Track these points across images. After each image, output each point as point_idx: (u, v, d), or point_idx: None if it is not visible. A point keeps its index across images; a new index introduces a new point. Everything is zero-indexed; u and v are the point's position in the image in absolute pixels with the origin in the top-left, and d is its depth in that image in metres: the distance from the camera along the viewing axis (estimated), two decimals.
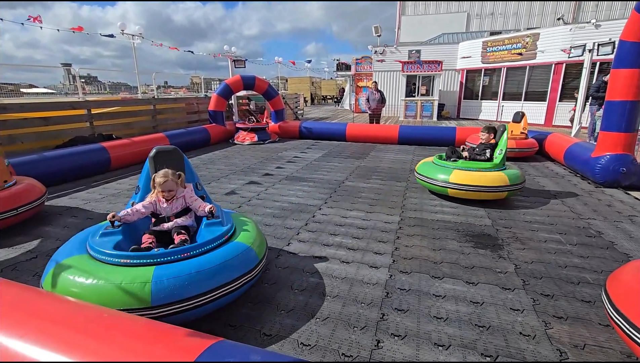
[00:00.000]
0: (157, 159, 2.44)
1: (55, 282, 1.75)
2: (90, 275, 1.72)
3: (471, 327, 1.94)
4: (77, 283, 1.70)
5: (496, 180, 3.79)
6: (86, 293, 1.66)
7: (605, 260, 2.72)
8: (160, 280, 1.69)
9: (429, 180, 4.13)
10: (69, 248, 2.00)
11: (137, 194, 2.44)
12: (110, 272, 1.73)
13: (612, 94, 4.59)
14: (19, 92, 29.20)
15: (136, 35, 10.03)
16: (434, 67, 14.73)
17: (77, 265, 1.79)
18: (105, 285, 1.66)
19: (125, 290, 1.63)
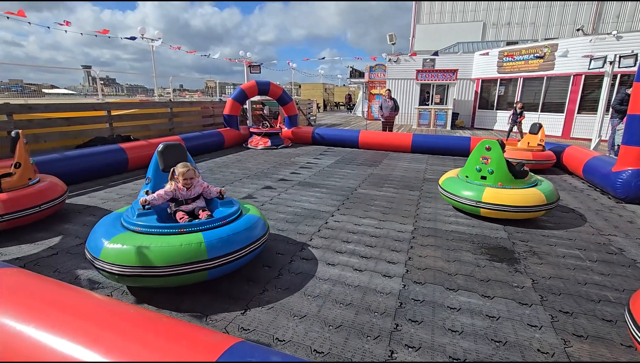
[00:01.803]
0: (165, 153, 2.79)
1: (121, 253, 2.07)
2: (155, 243, 2.11)
3: (487, 341, 1.91)
4: (147, 249, 2.08)
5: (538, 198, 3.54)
6: (156, 256, 2.06)
7: (627, 278, 2.63)
8: (210, 240, 2.20)
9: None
10: (103, 233, 2.25)
11: (148, 184, 2.74)
12: (169, 239, 2.15)
13: (634, 107, 4.48)
14: (41, 93, 30.26)
15: (155, 39, 10.33)
16: (449, 76, 14.65)
17: (132, 240, 2.13)
18: (170, 248, 2.09)
19: (186, 249, 2.11)
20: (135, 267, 2.04)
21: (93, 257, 2.14)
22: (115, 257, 2.06)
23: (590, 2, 21.24)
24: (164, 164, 2.78)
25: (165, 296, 2.28)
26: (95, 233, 2.29)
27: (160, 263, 2.05)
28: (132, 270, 2.04)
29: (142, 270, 2.05)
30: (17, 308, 1.32)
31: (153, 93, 12.49)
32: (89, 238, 2.29)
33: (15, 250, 2.92)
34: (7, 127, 5.02)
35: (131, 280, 2.14)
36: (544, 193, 3.58)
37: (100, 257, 2.10)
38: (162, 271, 2.06)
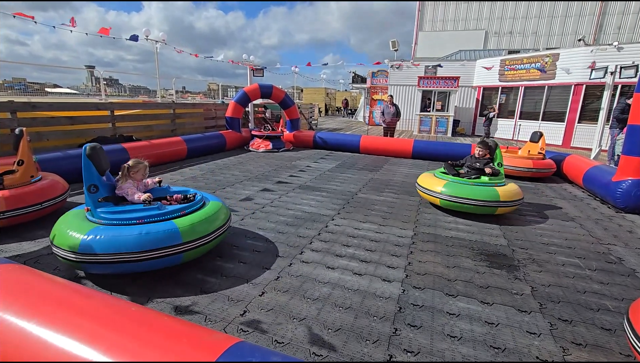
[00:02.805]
0: (94, 155, 2.59)
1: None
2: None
3: (486, 348, 1.91)
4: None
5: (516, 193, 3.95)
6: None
7: (627, 287, 2.64)
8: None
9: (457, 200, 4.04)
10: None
11: (97, 192, 2.56)
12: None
13: (635, 118, 4.51)
14: (44, 91, 30.37)
15: (159, 40, 10.39)
16: (450, 83, 14.73)
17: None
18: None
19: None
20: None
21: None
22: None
23: (592, 14, 21.41)
24: (99, 167, 2.61)
25: (165, 296, 2.28)
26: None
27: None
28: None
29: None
30: (17, 305, 1.33)
31: (156, 94, 12.55)
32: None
33: (16, 247, 2.93)
34: (11, 124, 5.05)
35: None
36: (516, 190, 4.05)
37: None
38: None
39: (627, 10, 20.86)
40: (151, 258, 2.31)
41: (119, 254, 2.24)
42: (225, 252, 2.95)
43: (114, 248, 2.24)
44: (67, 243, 2.30)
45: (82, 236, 2.29)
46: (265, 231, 3.45)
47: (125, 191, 2.69)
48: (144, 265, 2.34)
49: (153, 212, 2.51)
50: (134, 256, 2.26)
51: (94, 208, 2.51)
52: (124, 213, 2.46)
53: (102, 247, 2.24)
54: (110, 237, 2.27)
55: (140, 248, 2.27)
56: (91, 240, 2.26)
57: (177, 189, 3.06)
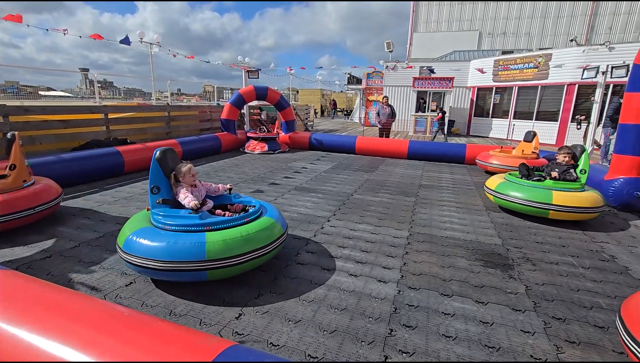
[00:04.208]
0: (163, 159, 2.65)
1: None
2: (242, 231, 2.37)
3: (481, 347, 1.92)
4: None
5: (594, 200, 3.83)
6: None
7: (619, 285, 2.66)
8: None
9: (526, 202, 3.96)
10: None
11: (158, 194, 2.60)
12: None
13: (626, 117, 4.57)
14: (37, 95, 30.12)
15: (154, 43, 10.36)
16: (445, 84, 14.82)
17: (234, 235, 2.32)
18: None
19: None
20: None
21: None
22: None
23: (584, 15, 21.67)
24: (164, 170, 2.69)
25: (159, 299, 2.27)
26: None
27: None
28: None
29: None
30: (9, 311, 1.32)
31: (150, 96, 12.50)
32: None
33: (8, 252, 2.90)
34: (3, 128, 5.00)
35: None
36: (599, 196, 3.95)
37: (206, 253, 2.26)
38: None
39: (618, 11, 21.14)
40: (175, 270, 2.19)
41: (147, 259, 2.18)
42: None
43: (145, 253, 2.19)
44: (120, 238, 2.36)
45: (129, 234, 2.30)
46: None
47: (179, 195, 2.63)
48: (169, 275, 2.24)
49: (192, 220, 2.35)
50: (159, 264, 2.16)
51: (151, 209, 2.53)
52: (167, 218, 2.39)
53: (137, 249, 2.21)
54: (148, 240, 2.23)
55: (165, 257, 2.16)
56: (133, 240, 2.26)
57: (243, 199, 2.90)
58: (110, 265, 2.71)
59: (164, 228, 2.34)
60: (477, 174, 6.97)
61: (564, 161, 4.27)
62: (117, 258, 2.82)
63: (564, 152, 4.30)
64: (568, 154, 4.26)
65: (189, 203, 2.53)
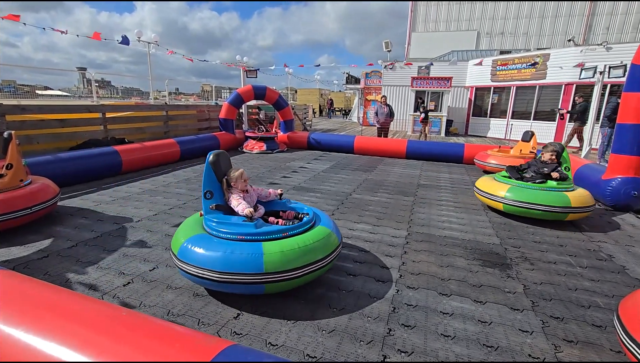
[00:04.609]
0: (217, 162, 2.55)
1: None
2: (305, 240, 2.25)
3: (479, 346, 1.92)
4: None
5: (586, 199, 3.81)
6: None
7: (617, 284, 2.67)
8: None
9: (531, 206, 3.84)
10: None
11: (211, 199, 2.50)
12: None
13: (623, 117, 4.58)
14: (34, 94, 29.97)
15: (152, 42, 10.32)
16: (443, 83, 14.84)
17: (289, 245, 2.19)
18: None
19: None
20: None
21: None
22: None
23: (581, 15, 21.74)
24: (217, 174, 2.54)
25: (157, 299, 2.26)
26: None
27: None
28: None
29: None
30: (6, 311, 1.31)
31: (148, 96, 12.47)
32: None
33: (5, 252, 2.88)
34: (0, 127, 4.97)
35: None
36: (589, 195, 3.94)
37: (264, 263, 2.12)
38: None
39: (616, 11, 21.21)
40: (232, 282, 2.06)
41: (204, 269, 2.06)
42: None
43: (201, 262, 2.07)
44: (174, 245, 2.28)
45: (183, 241, 2.22)
46: None
47: (231, 201, 2.52)
48: (226, 287, 2.12)
49: (247, 229, 2.21)
50: (216, 275, 2.05)
51: (205, 215, 2.43)
52: (222, 225, 2.27)
53: (193, 258, 2.10)
54: (203, 248, 2.12)
55: (222, 268, 2.04)
56: (187, 247, 2.16)
57: (295, 205, 2.78)
58: (108, 265, 2.70)
59: (218, 236, 2.23)
60: (476, 173, 6.98)
61: (550, 159, 4.21)
62: (115, 258, 2.81)
63: (549, 150, 4.24)
64: (554, 152, 4.21)
65: (243, 211, 2.39)
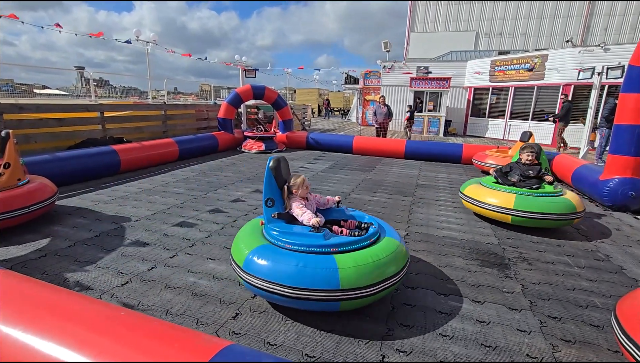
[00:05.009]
0: (278, 168, 2.42)
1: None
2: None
3: (477, 346, 1.92)
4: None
5: (576, 204, 3.53)
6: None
7: (614, 284, 2.69)
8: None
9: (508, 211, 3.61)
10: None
11: (273, 207, 2.37)
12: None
13: (621, 117, 4.60)
14: (32, 93, 29.86)
15: (150, 41, 10.29)
16: (442, 84, 14.86)
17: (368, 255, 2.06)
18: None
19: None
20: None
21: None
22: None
23: (579, 15, 21.82)
24: (277, 181, 2.41)
25: (155, 299, 2.25)
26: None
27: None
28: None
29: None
30: (4, 310, 1.30)
31: (147, 95, 12.44)
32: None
33: (3, 251, 2.87)
34: None
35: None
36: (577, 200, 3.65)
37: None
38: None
39: (614, 12, 21.30)
40: (306, 298, 1.91)
41: (274, 283, 1.93)
42: (217, 254, 2.93)
43: (271, 275, 1.95)
44: (237, 256, 2.16)
45: (248, 252, 2.09)
46: None
47: (294, 210, 2.38)
48: (298, 304, 1.98)
49: (317, 240, 2.08)
50: (288, 290, 1.91)
51: (266, 223, 2.31)
52: (288, 236, 2.14)
53: (261, 271, 1.98)
54: (271, 260, 1.99)
55: (295, 283, 1.89)
56: (253, 259, 2.03)
57: (354, 213, 2.62)
58: (106, 265, 2.69)
59: (284, 247, 2.10)
60: (474, 173, 6.99)
61: (528, 160, 3.96)
62: (113, 258, 2.80)
63: (527, 151, 3.99)
64: (532, 153, 3.96)
65: (310, 221, 2.24)
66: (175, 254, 2.91)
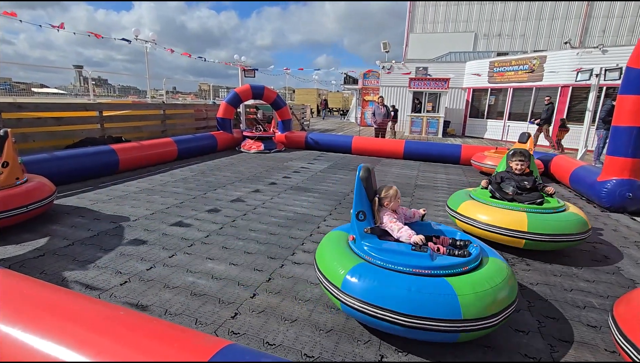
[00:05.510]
0: (369, 178, 2.28)
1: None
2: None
3: (476, 346, 1.93)
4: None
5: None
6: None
7: (612, 285, 2.70)
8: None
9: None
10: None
11: (364, 221, 2.18)
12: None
13: (618, 119, 4.62)
14: (30, 92, 29.76)
15: (149, 41, 10.27)
16: (441, 85, 14.89)
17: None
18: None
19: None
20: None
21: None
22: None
23: (578, 17, 21.92)
24: (367, 192, 2.22)
25: (154, 299, 2.25)
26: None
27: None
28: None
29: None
30: (2, 310, 1.30)
31: (146, 94, 12.41)
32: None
33: (1, 251, 2.86)
34: None
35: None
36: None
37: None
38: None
39: (612, 14, 21.42)
40: (422, 328, 1.70)
41: (383, 309, 1.74)
42: (216, 254, 2.93)
43: (378, 300, 1.76)
44: (331, 274, 1.98)
45: (346, 271, 1.91)
46: (256, 232, 3.44)
47: (387, 224, 2.19)
48: (413, 333, 1.76)
49: (425, 261, 1.89)
50: (401, 318, 1.71)
51: (359, 239, 2.11)
52: (392, 255, 1.96)
53: (366, 294, 1.79)
54: (376, 283, 1.81)
55: (409, 310, 1.70)
56: (355, 280, 1.86)
57: (441, 227, 2.41)
58: (105, 264, 2.69)
59: (385, 266, 1.91)
60: (472, 174, 7.02)
61: (519, 169, 3.38)
62: (112, 257, 2.80)
63: (517, 158, 3.40)
64: (523, 162, 3.39)
65: (410, 238, 2.05)
66: (174, 254, 2.91)
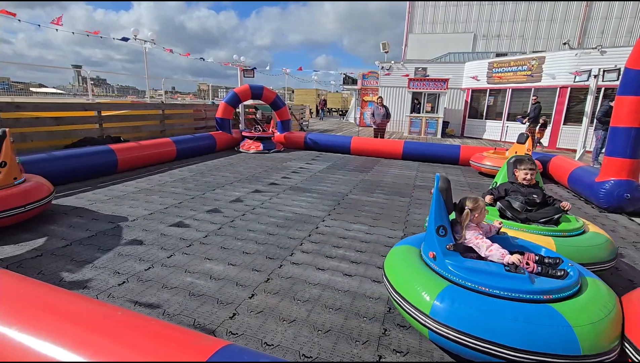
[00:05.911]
0: (448, 189, 2.07)
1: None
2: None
3: None
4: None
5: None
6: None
7: (610, 285, 2.70)
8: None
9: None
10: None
11: (446, 236, 1.95)
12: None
13: (617, 120, 4.64)
14: (28, 91, 29.69)
15: (148, 40, 10.26)
16: (440, 85, 14.91)
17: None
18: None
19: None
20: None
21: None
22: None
23: (577, 18, 21.99)
24: (447, 204, 2.02)
25: (152, 299, 2.25)
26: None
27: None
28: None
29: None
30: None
31: (144, 94, 12.40)
32: None
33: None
34: None
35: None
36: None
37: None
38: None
39: (610, 15, 21.49)
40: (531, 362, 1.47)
41: (486, 341, 1.51)
42: (215, 255, 2.93)
43: (480, 331, 1.54)
44: (414, 298, 1.78)
45: (434, 296, 1.70)
46: (255, 233, 3.44)
47: (471, 241, 1.99)
48: None
49: (525, 284, 1.67)
50: (510, 352, 1.48)
51: (441, 257, 1.90)
52: (484, 276, 1.74)
53: (466, 324, 1.57)
54: (475, 311, 1.58)
55: (518, 344, 1.47)
56: (447, 306, 1.64)
57: (522, 242, 2.17)
58: (103, 264, 2.68)
59: (477, 289, 1.70)
60: (471, 175, 7.03)
61: (528, 180, 2.91)
62: (110, 257, 2.79)
63: (527, 167, 2.93)
64: (533, 171, 2.92)
65: (504, 258, 1.85)
66: (173, 254, 2.90)
